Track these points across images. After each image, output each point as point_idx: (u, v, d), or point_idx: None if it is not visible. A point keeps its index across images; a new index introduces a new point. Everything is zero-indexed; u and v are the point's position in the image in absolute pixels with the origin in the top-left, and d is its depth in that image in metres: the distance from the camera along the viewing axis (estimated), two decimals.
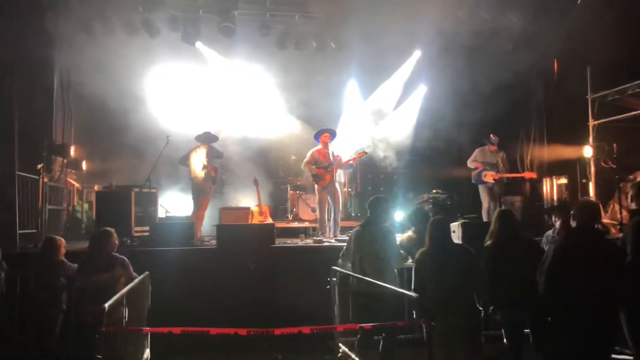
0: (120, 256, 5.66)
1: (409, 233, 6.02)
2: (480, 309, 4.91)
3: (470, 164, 10.09)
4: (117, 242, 5.76)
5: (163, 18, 11.38)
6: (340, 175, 9.27)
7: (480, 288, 4.83)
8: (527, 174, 10.42)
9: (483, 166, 9.80)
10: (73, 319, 5.67)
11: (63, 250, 6.00)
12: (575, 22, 10.47)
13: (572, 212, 4.56)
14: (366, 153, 9.42)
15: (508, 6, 11.92)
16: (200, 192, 9.24)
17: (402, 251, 5.75)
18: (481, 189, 9.97)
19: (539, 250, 5.15)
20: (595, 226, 4.56)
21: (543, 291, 4.32)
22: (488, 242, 5.14)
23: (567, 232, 4.47)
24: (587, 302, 4.06)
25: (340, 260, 5.95)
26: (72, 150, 10.32)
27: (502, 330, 5.16)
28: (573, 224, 4.47)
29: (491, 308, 4.93)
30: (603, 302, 4.09)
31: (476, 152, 10.13)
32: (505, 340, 5.13)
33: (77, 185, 10.73)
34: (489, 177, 9.71)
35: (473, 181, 10.12)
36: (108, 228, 5.73)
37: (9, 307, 6.12)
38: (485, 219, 9.70)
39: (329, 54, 12.29)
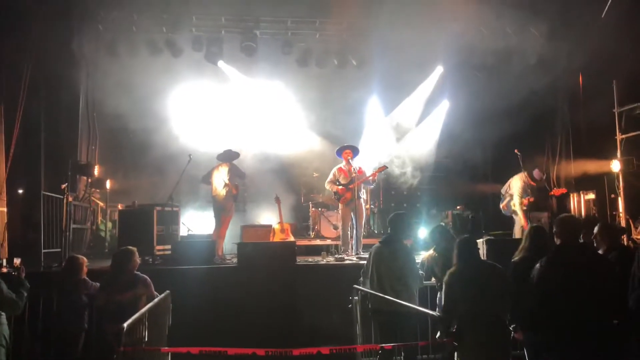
0: (142, 275, 5.66)
1: (430, 252, 5.93)
2: (510, 329, 4.79)
3: (513, 197, 9.67)
4: (139, 260, 5.77)
5: (186, 38, 11.63)
6: (363, 192, 9.18)
7: (509, 306, 4.71)
8: (557, 191, 10.13)
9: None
10: (95, 337, 5.67)
11: (85, 269, 6.03)
12: (600, 35, 10.30)
13: (554, 229, 4.46)
14: (386, 167, 9.32)
15: (531, 21, 11.82)
16: (222, 210, 9.25)
17: (421, 271, 5.64)
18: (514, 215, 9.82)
19: None
20: (580, 240, 4.50)
21: (533, 309, 4.23)
22: (516, 257, 5.01)
23: (553, 249, 4.39)
24: (579, 317, 3.99)
25: (361, 278, 5.85)
26: (96, 170, 10.47)
27: (525, 350, 5.01)
28: (557, 240, 4.38)
29: (512, 326, 4.79)
30: (595, 317, 4.00)
31: (519, 184, 9.62)
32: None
33: (101, 204, 10.86)
34: (519, 206, 9.52)
35: (505, 213, 9.89)
36: (130, 247, 5.75)
37: (32, 325, 6.16)
38: (517, 236, 9.52)
39: (350, 71, 12.33)
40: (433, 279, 5.72)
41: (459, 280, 4.63)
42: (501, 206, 9.95)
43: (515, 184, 9.64)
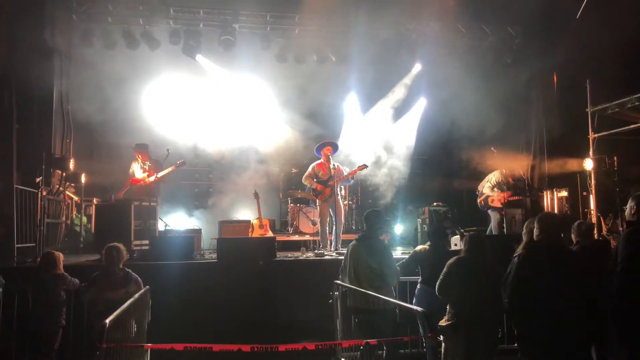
0: (135, 274, 5.71)
1: (424, 245, 6.02)
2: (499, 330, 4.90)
3: (490, 191, 9.98)
4: (127, 256, 5.85)
5: (163, 31, 11.45)
6: (341, 188, 9.21)
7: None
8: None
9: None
10: (75, 333, 5.59)
11: (62, 264, 5.94)
12: (575, 35, 10.50)
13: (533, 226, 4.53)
14: (366, 166, 9.34)
15: (508, 20, 12.00)
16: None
17: (400, 265, 5.71)
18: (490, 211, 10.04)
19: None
20: (558, 238, 4.51)
21: (508, 304, 4.31)
22: (521, 252, 5.05)
23: (528, 245, 4.48)
24: (550, 313, 4.07)
25: (340, 275, 5.89)
26: (71, 164, 10.25)
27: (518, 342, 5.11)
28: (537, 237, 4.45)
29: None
30: (567, 313, 4.08)
31: (496, 177, 10.01)
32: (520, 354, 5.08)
33: (75, 198, 10.63)
34: (497, 201, 9.72)
35: (482, 208, 10.11)
36: (116, 243, 5.77)
37: (6, 323, 6.01)
38: (495, 232, 9.73)
39: (329, 67, 12.29)
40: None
41: (461, 269, 4.75)
42: (478, 201, 10.12)
43: (492, 178, 9.90)
